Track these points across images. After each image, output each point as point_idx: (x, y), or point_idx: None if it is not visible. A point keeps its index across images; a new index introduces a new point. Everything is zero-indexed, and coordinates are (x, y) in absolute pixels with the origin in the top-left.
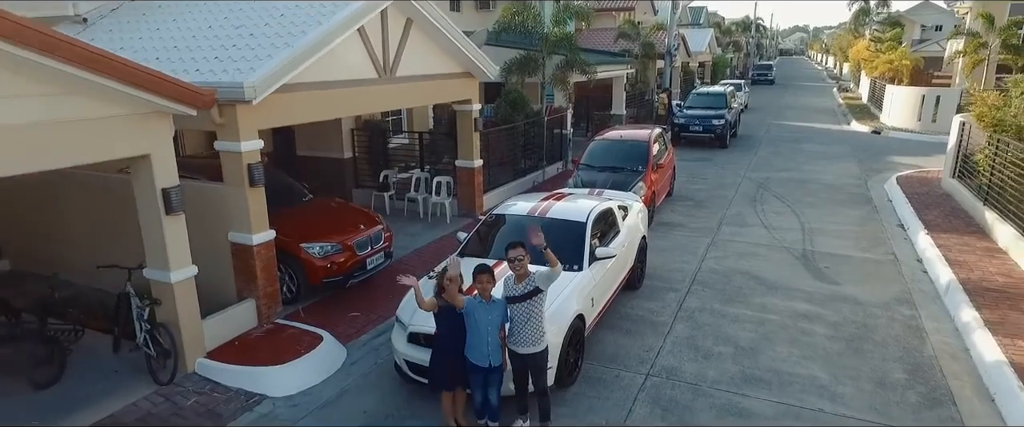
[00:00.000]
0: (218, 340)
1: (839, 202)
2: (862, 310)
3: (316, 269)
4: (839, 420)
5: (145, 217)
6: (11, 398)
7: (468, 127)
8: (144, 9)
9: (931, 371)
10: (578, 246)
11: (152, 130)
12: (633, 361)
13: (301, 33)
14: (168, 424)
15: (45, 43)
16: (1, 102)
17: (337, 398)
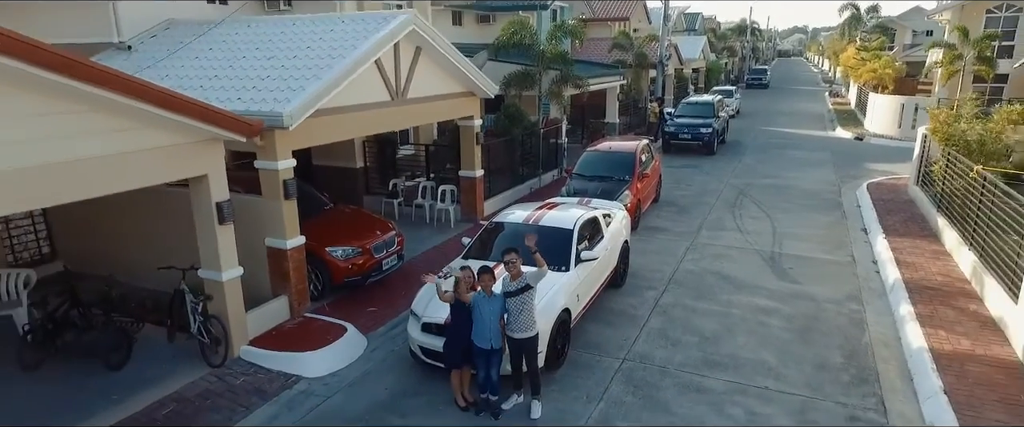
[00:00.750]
0: (258, 330)
1: (811, 208)
2: (815, 305)
3: (339, 270)
4: (778, 395)
5: (201, 226)
6: (91, 377)
7: (470, 140)
8: (180, 37)
9: (865, 356)
10: (565, 250)
11: (209, 154)
12: (612, 348)
13: (327, 66)
14: (224, 399)
15: (138, 89)
16: (98, 137)
17: (362, 378)
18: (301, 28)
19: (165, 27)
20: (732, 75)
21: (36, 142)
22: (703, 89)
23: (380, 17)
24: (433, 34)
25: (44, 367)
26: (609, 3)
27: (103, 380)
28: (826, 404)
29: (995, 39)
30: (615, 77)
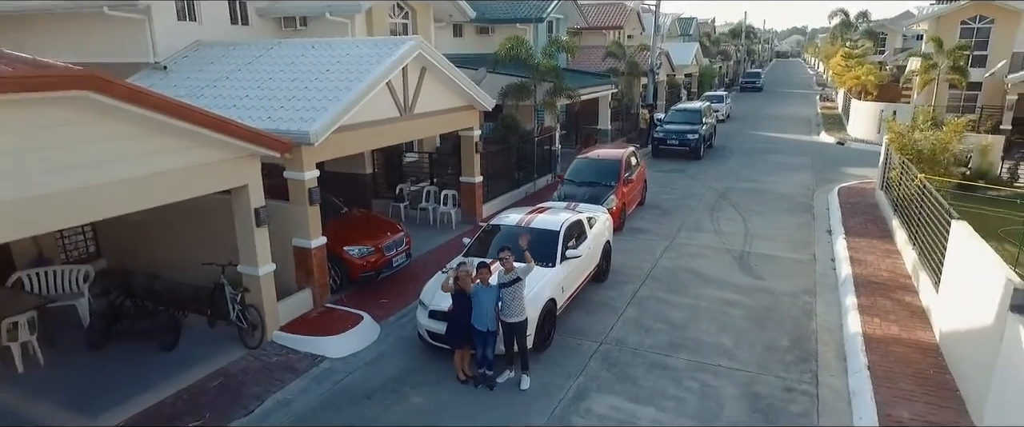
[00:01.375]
0: (287, 318)
1: (785, 211)
2: (773, 298)
3: (355, 266)
4: (729, 371)
5: (241, 228)
6: (148, 356)
7: (470, 149)
8: (210, 58)
9: (809, 340)
10: (552, 249)
11: (249, 167)
12: (593, 334)
13: (346, 88)
14: (262, 374)
15: (202, 118)
16: (163, 155)
17: (377, 359)
18: (320, 51)
19: (194, 48)
20: (727, 78)
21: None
22: (696, 94)
23: (391, 42)
24: (436, 56)
25: (107, 349)
26: (603, 12)
27: (157, 359)
28: (768, 378)
29: (967, 49)
30: (607, 86)
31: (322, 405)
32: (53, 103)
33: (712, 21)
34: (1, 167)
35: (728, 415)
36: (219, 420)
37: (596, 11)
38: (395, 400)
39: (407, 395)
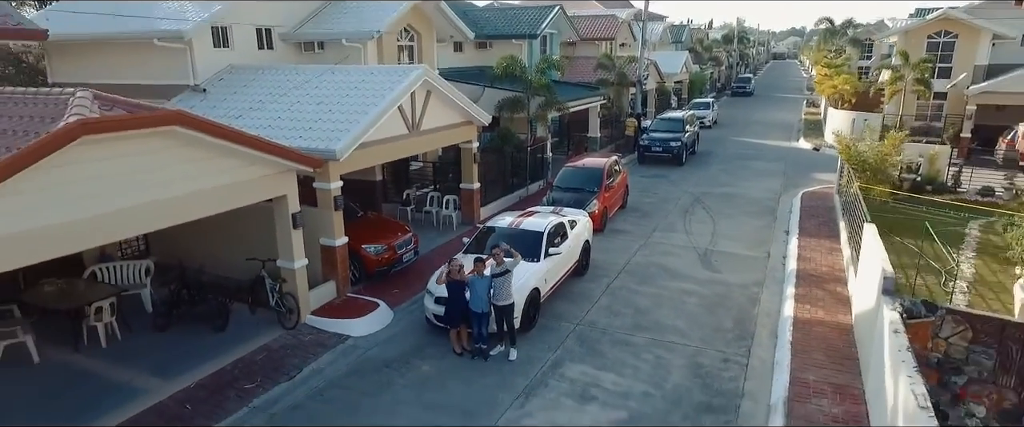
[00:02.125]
0: (316, 304)
1: (751, 213)
2: (726, 288)
3: (372, 262)
4: (680, 347)
5: (280, 230)
6: (204, 336)
7: (469, 159)
8: (243, 80)
9: (749, 322)
10: (537, 247)
11: (287, 180)
12: (571, 317)
13: (364, 112)
14: (298, 350)
15: (259, 144)
16: (220, 172)
17: (391, 337)
18: (340, 77)
19: (228, 71)
20: (718, 83)
21: (193, 178)
22: (687, 100)
23: (401, 70)
24: (439, 80)
25: (169, 330)
26: (596, 24)
27: (212, 338)
28: (711, 352)
29: (931, 62)
30: (596, 98)
31: (349, 372)
32: (150, 135)
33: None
34: (112, 185)
35: (673, 380)
36: (269, 383)
37: (589, 23)
38: (408, 369)
39: (417, 365)
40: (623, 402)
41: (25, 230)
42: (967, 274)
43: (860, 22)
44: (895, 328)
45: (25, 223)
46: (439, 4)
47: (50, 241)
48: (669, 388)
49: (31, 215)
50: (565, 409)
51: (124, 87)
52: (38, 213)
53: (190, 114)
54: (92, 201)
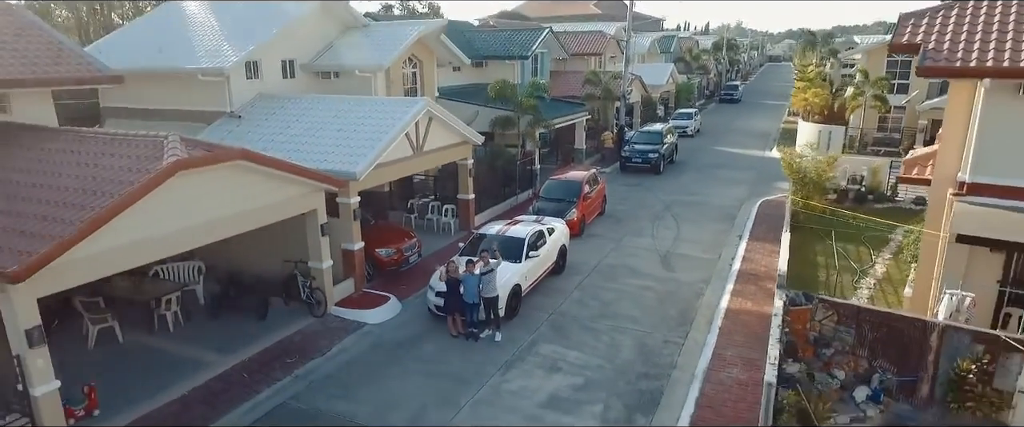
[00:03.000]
0: (339, 298)
1: (712, 219)
2: (678, 285)
3: (383, 263)
4: (633, 331)
5: (311, 237)
6: (249, 324)
7: (465, 174)
8: (272, 107)
9: (691, 312)
10: (519, 250)
11: (317, 197)
12: (547, 308)
13: (378, 139)
14: (326, 333)
15: (299, 171)
16: (268, 193)
17: (400, 324)
18: (356, 107)
19: (259, 99)
20: (707, 90)
21: (248, 198)
22: (674, 108)
23: (408, 102)
24: (439, 109)
25: (220, 318)
26: (586, 40)
27: (256, 325)
28: (656, 335)
29: (889, 81)
30: (581, 114)
31: (368, 350)
32: (221, 168)
33: (706, 27)
34: (192, 205)
35: (623, 356)
36: (306, 358)
37: (579, 38)
38: (414, 347)
39: (421, 345)
40: (581, 372)
41: (138, 239)
42: (879, 273)
43: (854, 24)
44: (776, 313)
45: (138, 234)
46: (439, 36)
47: (152, 247)
48: (619, 362)
49: (141, 229)
50: (536, 378)
51: (170, 111)
52: (145, 227)
53: (251, 151)
54: (179, 218)
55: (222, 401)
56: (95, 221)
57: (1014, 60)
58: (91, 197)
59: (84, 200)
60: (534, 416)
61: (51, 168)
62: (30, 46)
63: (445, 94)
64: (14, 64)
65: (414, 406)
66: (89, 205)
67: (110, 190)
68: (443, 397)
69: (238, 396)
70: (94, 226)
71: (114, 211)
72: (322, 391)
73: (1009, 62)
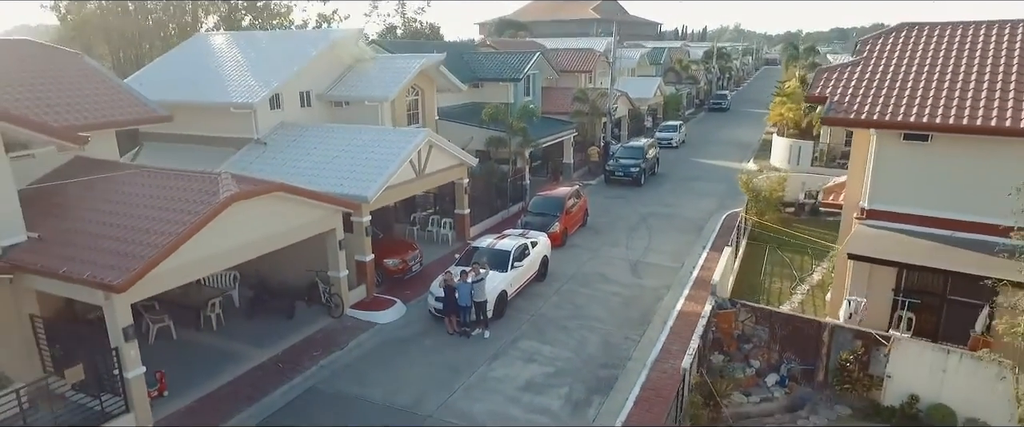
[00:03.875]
0: (353, 301)
1: (681, 230)
2: (642, 290)
3: (390, 271)
4: (599, 329)
5: (330, 251)
6: (278, 323)
7: (461, 192)
8: (293, 135)
9: (650, 314)
10: (505, 261)
11: (336, 217)
12: (529, 310)
13: (386, 165)
14: (344, 331)
15: (324, 197)
16: (297, 216)
17: (405, 323)
18: (366, 136)
19: (281, 127)
20: (697, 99)
21: (282, 220)
22: (662, 119)
23: (412, 133)
24: (437, 138)
25: (254, 319)
26: (576, 57)
27: (284, 324)
28: (618, 332)
29: None
30: (568, 131)
31: (379, 345)
32: (264, 198)
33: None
34: (239, 228)
35: (589, 350)
36: (327, 352)
37: (570, 56)
38: (417, 342)
39: (422, 341)
40: (553, 362)
41: (201, 257)
42: (814, 280)
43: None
44: (703, 315)
45: (200, 253)
46: (438, 67)
47: (210, 263)
48: (585, 355)
49: (203, 249)
50: (516, 367)
51: (204, 137)
52: (206, 247)
53: (287, 184)
54: (231, 238)
55: (263, 385)
56: (173, 244)
57: (894, 115)
58: (166, 224)
59: (161, 227)
60: (513, 397)
61: (130, 199)
62: (96, 91)
63: (445, 114)
64: (88, 109)
65: (417, 389)
66: (165, 231)
67: (180, 218)
68: (440, 383)
69: (275, 382)
70: (173, 248)
71: (187, 236)
72: (342, 378)
73: (890, 116)
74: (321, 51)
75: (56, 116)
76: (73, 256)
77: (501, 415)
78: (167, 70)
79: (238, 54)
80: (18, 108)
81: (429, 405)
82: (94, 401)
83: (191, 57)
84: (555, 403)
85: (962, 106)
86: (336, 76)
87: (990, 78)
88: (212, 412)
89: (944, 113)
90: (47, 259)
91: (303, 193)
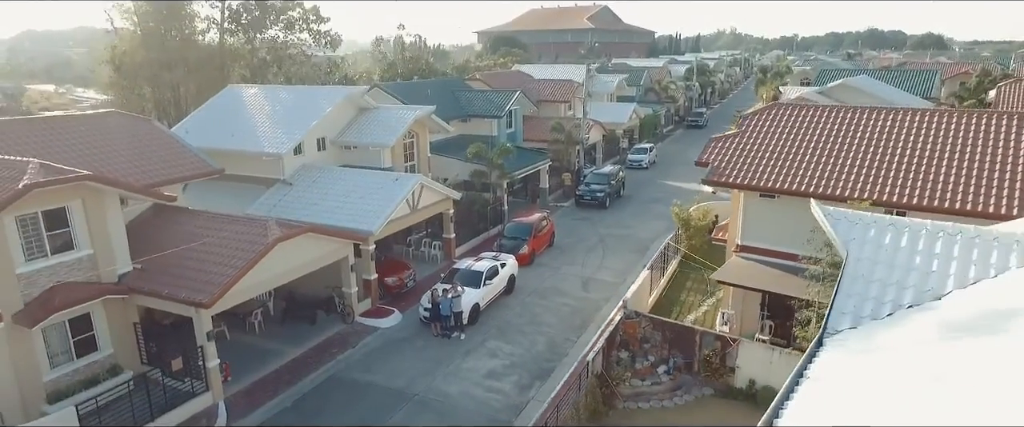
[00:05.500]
0: (361, 311)
1: (632, 251)
2: (588, 302)
3: (390, 287)
4: (549, 333)
5: (344, 273)
6: (304, 328)
7: (447, 220)
8: (313, 176)
9: (590, 321)
10: (478, 280)
11: (347, 247)
12: (496, 318)
13: (388, 205)
14: (354, 333)
15: (342, 234)
16: (319, 248)
17: (402, 328)
18: (371, 179)
19: (303, 169)
20: (676, 117)
21: (307, 252)
22: (638, 140)
23: (408, 177)
24: (428, 181)
25: (285, 324)
26: (556, 88)
27: (309, 328)
28: (562, 336)
29: None
30: (543, 162)
31: (382, 345)
32: (299, 237)
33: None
34: (280, 260)
35: (537, 348)
36: (343, 350)
37: (552, 87)
38: (410, 342)
39: (414, 341)
40: (510, 357)
41: (256, 282)
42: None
43: (847, 30)
44: (602, 325)
45: (255, 279)
46: (430, 116)
47: (261, 285)
48: (535, 351)
49: (257, 275)
50: (483, 360)
51: (240, 176)
52: (258, 274)
53: (316, 226)
54: (274, 268)
55: (298, 373)
56: (239, 274)
57: (752, 180)
58: (232, 258)
59: (228, 260)
60: (478, 382)
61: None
62: (168, 151)
63: (436, 147)
64: (164, 168)
65: (410, 375)
66: (232, 264)
67: (241, 254)
68: (426, 371)
69: (306, 370)
70: (239, 277)
71: (248, 267)
72: (354, 368)
73: (749, 181)
74: (335, 105)
75: (144, 175)
76: (168, 281)
77: (468, 394)
78: (208, 119)
79: (266, 106)
80: (120, 170)
81: (418, 387)
82: (181, 383)
83: (227, 107)
84: (507, 386)
85: (796, 175)
86: (346, 123)
87: (820, 152)
88: (261, 392)
89: (783, 180)
90: (151, 283)
91: (325, 232)
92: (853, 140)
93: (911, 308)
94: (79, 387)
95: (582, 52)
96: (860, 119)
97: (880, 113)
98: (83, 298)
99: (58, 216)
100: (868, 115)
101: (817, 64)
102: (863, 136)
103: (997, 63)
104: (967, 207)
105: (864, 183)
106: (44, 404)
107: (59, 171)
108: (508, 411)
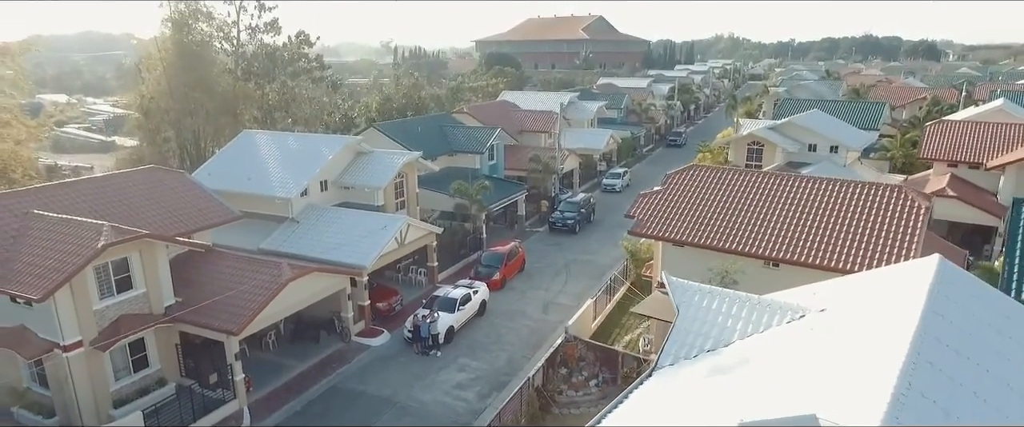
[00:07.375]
0: (356, 332)
1: (591, 276)
2: (546, 323)
3: (381, 311)
4: (509, 349)
5: (342, 300)
6: (309, 346)
7: (430, 251)
8: (316, 215)
9: (547, 339)
10: (453, 306)
11: (342, 281)
12: (467, 338)
13: (379, 242)
14: (351, 351)
15: (342, 270)
16: (323, 282)
17: (389, 346)
18: (364, 219)
19: (308, 208)
20: (657, 136)
21: (315, 286)
22: (616, 162)
23: (396, 218)
24: (413, 221)
25: (294, 343)
26: (537, 118)
27: (313, 347)
28: (519, 352)
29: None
30: (520, 192)
31: (372, 361)
32: (310, 275)
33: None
34: (292, 295)
35: (499, 363)
36: (341, 365)
37: (533, 117)
38: (395, 359)
39: (399, 358)
40: (475, 372)
41: (273, 312)
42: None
43: (843, 36)
44: (552, 345)
45: (272, 310)
46: (417, 159)
47: (276, 315)
48: (496, 366)
49: (273, 307)
50: (453, 374)
51: (253, 213)
52: (274, 306)
53: (321, 266)
54: (287, 300)
55: (305, 383)
56: (259, 307)
57: (666, 232)
58: (254, 294)
59: (251, 295)
60: (448, 392)
61: (227, 277)
62: (198, 202)
63: (424, 181)
64: (196, 216)
65: (394, 386)
66: (255, 298)
67: (261, 291)
68: (408, 382)
69: (312, 381)
70: (260, 309)
71: (266, 302)
72: (351, 379)
73: (664, 233)
74: (335, 153)
75: (180, 224)
76: (204, 312)
77: (440, 402)
78: (226, 162)
79: (276, 152)
80: (161, 220)
81: (400, 395)
82: (213, 393)
83: (242, 151)
84: (471, 395)
85: (700, 230)
86: (345, 166)
87: (722, 211)
88: (276, 399)
89: (690, 234)
90: (192, 314)
91: (327, 270)
92: (750, 201)
93: (709, 352)
94: (135, 396)
95: (577, 62)
96: (759, 183)
97: (775, 178)
98: (141, 327)
99: (122, 264)
100: (766, 179)
101: (793, 82)
102: (758, 198)
103: (967, 83)
104: (819, 262)
105: (750, 239)
106: (111, 409)
107: (125, 231)
108: (469, 415)
